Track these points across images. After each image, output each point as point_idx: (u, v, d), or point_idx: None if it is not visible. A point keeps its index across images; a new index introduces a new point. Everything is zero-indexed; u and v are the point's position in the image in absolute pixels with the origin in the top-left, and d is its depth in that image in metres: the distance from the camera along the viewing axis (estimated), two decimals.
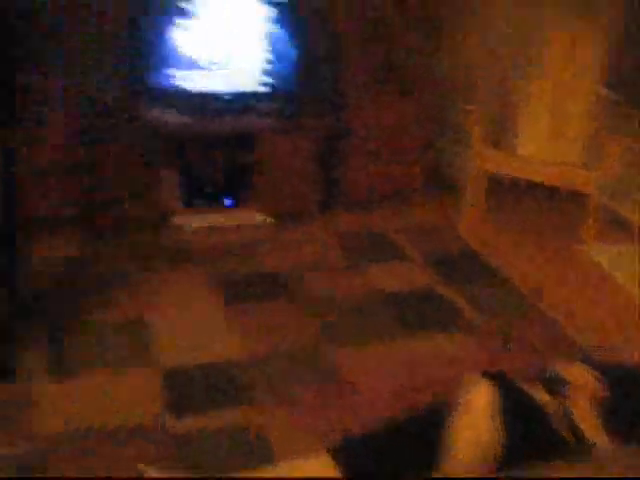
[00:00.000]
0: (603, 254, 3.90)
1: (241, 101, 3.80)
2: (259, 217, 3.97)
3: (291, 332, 3.00)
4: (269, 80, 3.80)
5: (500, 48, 4.45)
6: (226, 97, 3.76)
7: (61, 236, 3.60)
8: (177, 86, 3.69)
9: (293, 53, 3.77)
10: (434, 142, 4.57)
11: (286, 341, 2.93)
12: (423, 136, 4.26)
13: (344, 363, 2.79)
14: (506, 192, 4.69)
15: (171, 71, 3.66)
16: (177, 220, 3.85)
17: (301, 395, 2.59)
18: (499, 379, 1.87)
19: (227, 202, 3.95)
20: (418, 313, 3.20)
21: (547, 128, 4.13)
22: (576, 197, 4.39)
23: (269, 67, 3.78)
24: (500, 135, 4.35)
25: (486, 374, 1.84)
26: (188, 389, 2.61)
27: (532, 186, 4.48)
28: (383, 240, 3.94)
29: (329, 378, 2.70)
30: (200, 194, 3.93)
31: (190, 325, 3.04)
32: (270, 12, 3.71)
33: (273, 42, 3.75)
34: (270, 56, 3.76)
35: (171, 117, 3.72)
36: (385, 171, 4.24)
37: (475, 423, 1.81)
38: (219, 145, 3.83)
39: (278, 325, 3.05)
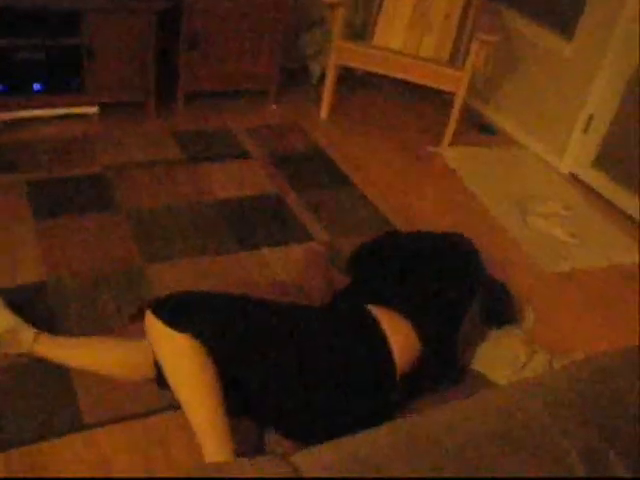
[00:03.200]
0: (458, 158, 3.74)
1: None
2: (84, 109, 3.44)
3: (107, 249, 2.58)
4: None
5: None
6: None
7: None
8: None
9: None
10: (292, 35, 4.18)
11: (102, 260, 2.52)
12: (280, 28, 3.66)
13: (165, 282, 2.46)
14: (365, 87, 4.44)
15: None
16: None
17: (115, 320, 2.28)
18: None
19: (40, 88, 3.25)
20: (253, 223, 2.87)
21: (411, 22, 3.82)
22: (438, 96, 4.19)
23: None
24: (361, 28, 4.03)
25: None
26: None
27: (393, 83, 4.23)
28: (226, 139, 3.45)
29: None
30: (14, 82, 3.20)
31: None
32: None
33: None
34: None
35: None
36: (234, 63, 3.65)
37: None
38: (37, 23, 3.22)
39: (94, 241, 2.60)
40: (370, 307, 1.97)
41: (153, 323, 1.76)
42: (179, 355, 1.74)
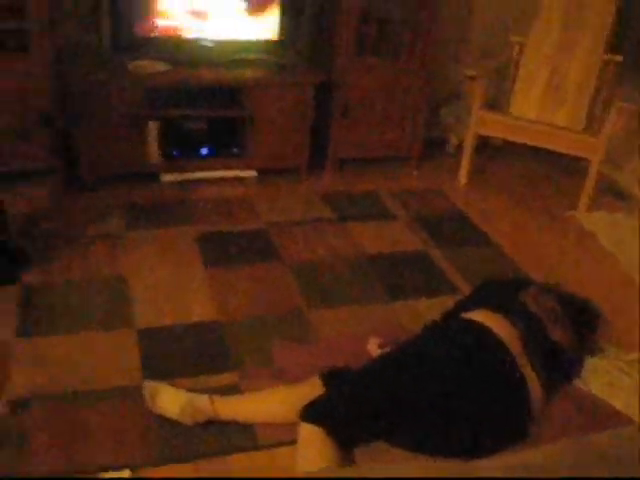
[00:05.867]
0: (596, 223, 3.82)
1: (227, 50, 3.72)
2: (245, 172, 3.86)
3: (272, 294, 2.92)
4: (257, 30, 3.73)
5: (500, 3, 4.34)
6: (208, 44, 3.67)
7: (41, 187, 3.50)
8: (161, 35, 3.59)
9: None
10: (431, 105, 4.46)
11: (268, 304, 2.86)
12: (423, 100, 4.09)
13: (325, 326, 2.75)
14: (501, 155, 4.62)
15: (155, 19, 3.54)
16: (162, 175, 3.69)
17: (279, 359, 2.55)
18: None
19: (207, 153, 3.79)
20: (402, 276, 3.16)
21: (547, 90, 4.01)
22: (573, 163, 4.31)
23: (255, 16, 3.70)
24: (498, 97, 4.24)
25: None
26: (165, 352, 2.53)
27: (529, 150, 4.39)
28: (372, 201, 3.84)
29: (308, 341, 2.66)
30: (185, 148, 3.73)
31: (170, 285, 2.90)
32: None
33: None
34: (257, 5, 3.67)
35: (155, 67, 3.51)
36: (380, 133, 4.06)
37: None
38: (206, 96, 3.66)
39: (259, 287, 2.95)
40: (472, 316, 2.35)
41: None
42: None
